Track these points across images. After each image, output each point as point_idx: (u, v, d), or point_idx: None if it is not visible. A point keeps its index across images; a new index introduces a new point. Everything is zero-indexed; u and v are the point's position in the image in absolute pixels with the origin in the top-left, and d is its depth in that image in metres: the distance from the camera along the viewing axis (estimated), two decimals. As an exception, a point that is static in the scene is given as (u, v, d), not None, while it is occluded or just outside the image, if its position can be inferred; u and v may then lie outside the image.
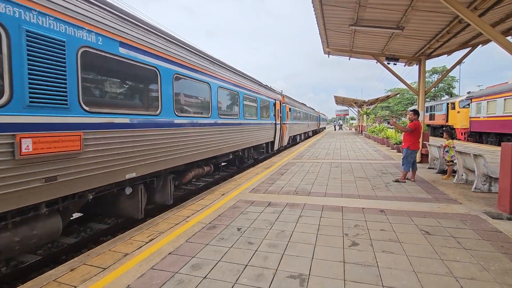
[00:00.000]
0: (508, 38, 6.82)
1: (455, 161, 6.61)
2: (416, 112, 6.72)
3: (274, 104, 13.47)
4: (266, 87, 12.51)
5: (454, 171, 6.71)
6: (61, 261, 3.96)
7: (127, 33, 4.26)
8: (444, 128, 22.27)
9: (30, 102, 2.96)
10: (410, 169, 6.56)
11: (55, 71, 3.21)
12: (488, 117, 16.62)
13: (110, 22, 3.98)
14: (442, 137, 20.86)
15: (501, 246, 3.08)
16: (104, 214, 5.51)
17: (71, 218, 4.57)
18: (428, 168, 8.24)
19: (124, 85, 4.77)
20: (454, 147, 6.64)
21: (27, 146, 2.90)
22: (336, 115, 62.30)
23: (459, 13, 4.54)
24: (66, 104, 3.35)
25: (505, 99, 14.91)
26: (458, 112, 20.98)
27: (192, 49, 6.23)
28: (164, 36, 5.22)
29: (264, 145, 12.43)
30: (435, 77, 47.59)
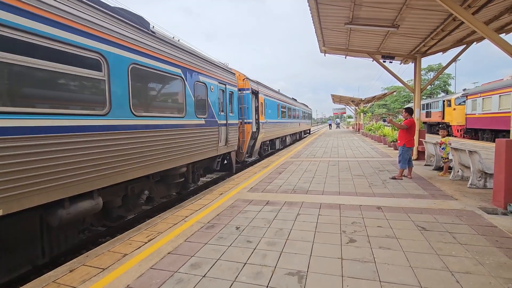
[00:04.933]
0: (502, 35, 6.90)
1: (450, 158, 6.68)
2: (408, 110, 6.78)
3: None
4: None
5: (450, 168, 6.77)
6: (60, 263, 3.96)
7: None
8: (440, 126, 22.44)
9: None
10: (407, 166, 6.62)
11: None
12: (483, 114, 16.77)
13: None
14: (438, 134, 20.99)
15: (495, 241, 3.13)
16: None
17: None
18: (425, 165, 8.30)
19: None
20: (450, 144, 6.70)
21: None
22: (334, 113, 62.48)
23: (452, 11, 4.58)
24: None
25: (500, 95, 15.05)
26: (454, 109, 21.16)
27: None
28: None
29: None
30: (431, 75, 47.90)
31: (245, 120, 10.07)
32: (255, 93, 11.15)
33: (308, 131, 33.48)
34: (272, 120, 13.89)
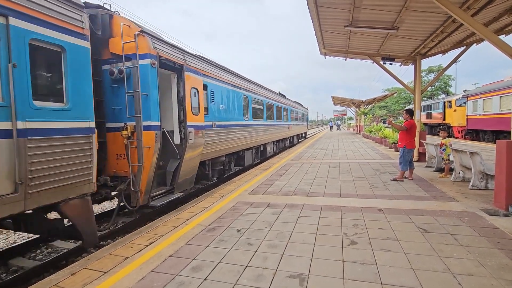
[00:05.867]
0: (502, 36, 6.92)
1: (451, 159, 6.67)
2: (408, 112, 6.80)
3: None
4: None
5: (452, 169, 6.76)
6: (61, 266, 3.97)
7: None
8: (441, 127, 22.43)
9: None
10: (408, 168, 6.61)
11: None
12: (484, 115, 16.76)
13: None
14: (439, 135, 20.86)
15: (497, 242, 3.12)
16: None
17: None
18: (426, 166, 8.29)
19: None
20: (451, 145, 6.70)
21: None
22: (334, 115, 62.55)
23: (451, 13, 4.60)
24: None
25: (500, 96, 15.04)
26: (455, 110, 21.14)
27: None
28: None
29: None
30: (432, 76, 47.88)
31: (143, 124, 4.77)
32: (177, 69, 5.77)
33: (303, 135, 27.83)
34: (230, 122, 8.38)
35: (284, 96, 18.65)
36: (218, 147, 7.55)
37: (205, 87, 6.85)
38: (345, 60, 10.93)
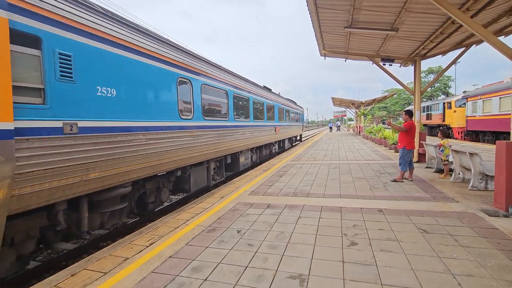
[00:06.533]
0: (501, 38, 6.94)
1: (450, 160, 6.68)
2: (407, 113, 6.83)
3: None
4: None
5: (451, 170, 6.76)
6: (61, 267, 3.96)
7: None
8: (441, 128, 22.45)
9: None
10: (408, 169, 6.61)
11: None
12: (484, 116, 16.78)
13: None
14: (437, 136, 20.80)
15: (497, 243, 3.12)
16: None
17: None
18: (426, 167, 8.30)
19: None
20: (450, 146, 6.70)
21: None
22: (334, 116, 62.58)
23: (451, 14, 4.61)
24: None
25: (500, 97, 15.07)
26: (455, 111, 21.16)
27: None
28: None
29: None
30: (431, 77, 47.96)
31: None
32: None
33: (296, 138, 23.48)
34: (137, 122, 4.46)
35: (270, 90, 14.76)
36: (96, 170, 3.76)
37: (34, 42, 3.09)
38: (345, 61, 10.95)
